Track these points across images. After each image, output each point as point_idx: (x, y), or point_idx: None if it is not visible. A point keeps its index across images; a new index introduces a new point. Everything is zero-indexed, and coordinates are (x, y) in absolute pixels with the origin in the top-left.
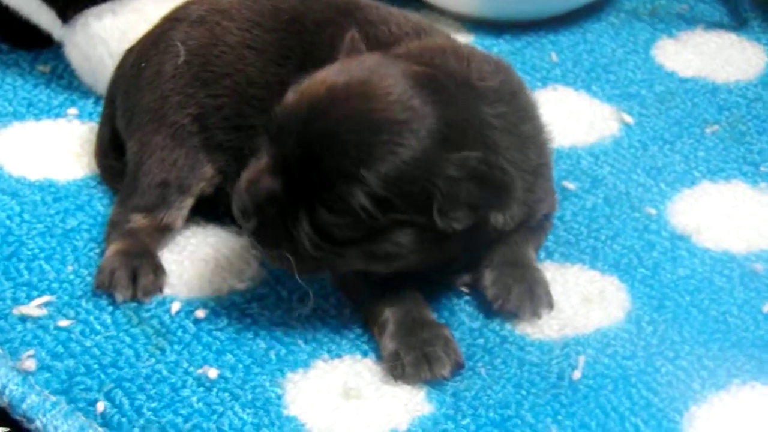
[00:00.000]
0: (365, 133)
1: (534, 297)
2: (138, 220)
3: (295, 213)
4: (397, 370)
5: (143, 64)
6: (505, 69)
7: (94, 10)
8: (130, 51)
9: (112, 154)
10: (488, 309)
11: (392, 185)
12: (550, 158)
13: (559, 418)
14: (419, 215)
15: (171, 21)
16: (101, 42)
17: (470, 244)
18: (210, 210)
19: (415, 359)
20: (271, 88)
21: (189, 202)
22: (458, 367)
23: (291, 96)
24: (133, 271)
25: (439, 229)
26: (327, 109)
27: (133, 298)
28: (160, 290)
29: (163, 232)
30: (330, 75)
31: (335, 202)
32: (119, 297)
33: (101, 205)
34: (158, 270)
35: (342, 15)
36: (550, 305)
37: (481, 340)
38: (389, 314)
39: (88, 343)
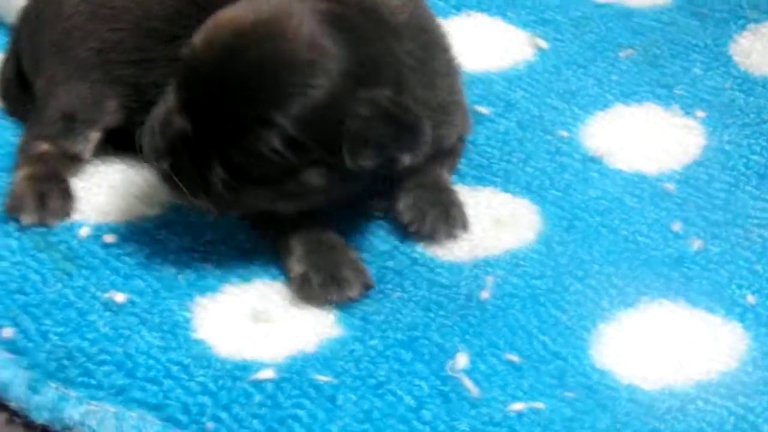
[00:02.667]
0: (274, 76)
1: (449, 218)
2: (43, 147)
3: (206, 154)
4: (305, 291)
5: (42, 5)
6: (415, 2)
7: None
8: None
9: (18, 86)
10: (402, 232)
11: (304, 127)
12: (461, 92)
13: (467, 337)
14: (330, 155)
15: None
16: None
17: (380, 179)
18: (119, 140)
19: (323, 281)
20: (170, 19)
21: (95, 134)
22: (366, 288)
23: (197, 39)
24: (41, 195)
25: (349, 168)
26: (234, 53)
27: (41, 222)
28: (68, 215)
29: (73, 160)
30: (236, 16)
31: (247, 145)
32: (26, 220)
33: (11, 135)
34: (67, 194)
35: None
36: (465, 226)
37: (391, 263)
38: (295, 237)
39: None
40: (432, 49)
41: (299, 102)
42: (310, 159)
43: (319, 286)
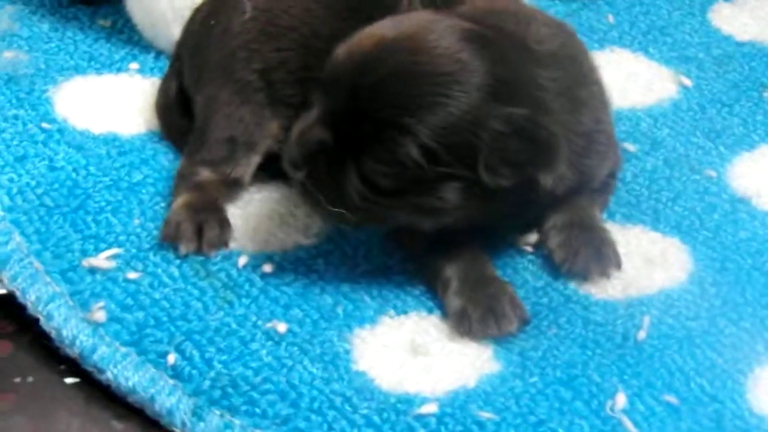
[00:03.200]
0: (414, 84)
1: (601, 257)
2: (205, 173)
3: (343, 163)
4: (465, 326)
5: (212, 22)
6: (568, 33)
7: None
8: (198, 9)
9: (177, 110)
10: (553, 269)
11: (440, 136)
12: (609, 123)
13: (625, 377)
14: (465, 169)
15: None
16: None
17: (522, 203)
18: (275, 167)
19: (481, 315)
20: (337, 41)
21: (256, 158)
22: (524, 323)
23: (341, 50)
24: (199, 225)
25: (485, 186)
26: (376, 62)
27: (198, 251)
28: (225, 244)
29: (232, 186)
30: (379, 29)
31: (383, 152)
32: (184, 249)
33: (166, 159)
34: (224, 224)
35: None
36: (618, 265)
37: (545, 299)
38: (452, 271)
39: (156, 296)
40: (580, 78)
41: (436, 111)
42: (445, 172)
43: (478, 320)
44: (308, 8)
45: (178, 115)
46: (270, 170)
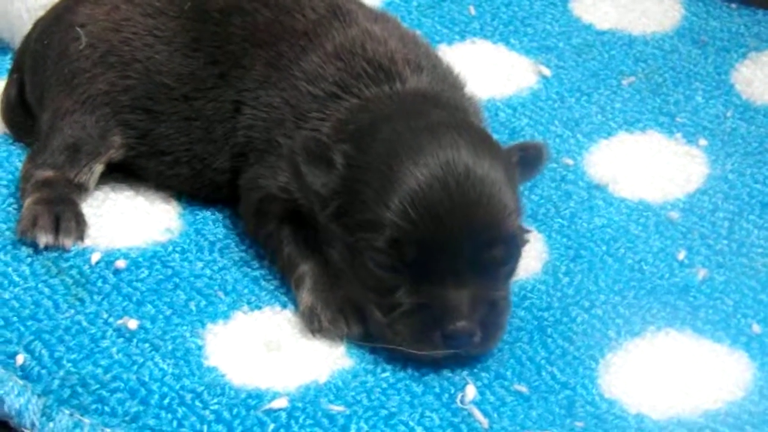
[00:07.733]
0: (507, 190)
1: None
2: (49, 173)
3: (498, 293)
4: (315, 325)
5: (46, 42)
6: (423, 45)
7: None
8: (35, 25)
9: (21, 113)
10: None
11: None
12: None
13: (476, 370)
14: None
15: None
16: None
17: None
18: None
19: (332, 315)
20: (181, 78)
21: (99, 167)
22: None
23: (414, 211)
24: (56, 216)
25: None
26: (475, 196)
27: (56, 242)
28: (82, 238)
29: (78, 188)
30: (435, 172)
31: (515, 252)
32: (42, 240)
33: (20, 161)
34: (80, 217)
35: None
36: None
37: None
38: (306, 268)
39: (6, 296)
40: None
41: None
42: None
43: (329, 320)
44: (149, 43)
45: (24, 118)
46: (123, 171)
